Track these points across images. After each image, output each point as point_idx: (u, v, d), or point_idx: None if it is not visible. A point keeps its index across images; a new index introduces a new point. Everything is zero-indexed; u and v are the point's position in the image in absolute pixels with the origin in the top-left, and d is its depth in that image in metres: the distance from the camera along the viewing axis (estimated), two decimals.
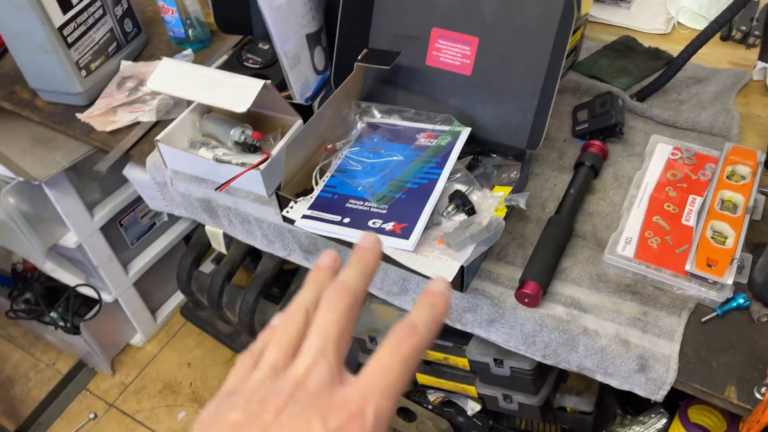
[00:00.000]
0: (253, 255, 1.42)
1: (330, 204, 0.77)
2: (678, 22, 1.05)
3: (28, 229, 1.20)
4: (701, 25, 1.03)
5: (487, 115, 0.82)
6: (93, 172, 1.23)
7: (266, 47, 0.96)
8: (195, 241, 1.43)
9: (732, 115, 0.86)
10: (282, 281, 1.46)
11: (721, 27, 0.82)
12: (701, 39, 0.83)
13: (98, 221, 1.30)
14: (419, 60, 0.85)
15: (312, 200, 0.78)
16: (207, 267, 1.48)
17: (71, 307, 1.44)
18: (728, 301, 0.68)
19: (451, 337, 0.91)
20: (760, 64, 0.91)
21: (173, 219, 1.53)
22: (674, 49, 0.99)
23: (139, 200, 1.38)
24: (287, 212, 0.78)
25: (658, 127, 0.88)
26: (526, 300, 0.70)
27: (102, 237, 1.33)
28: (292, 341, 0.30)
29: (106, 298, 1.42)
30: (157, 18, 1.17)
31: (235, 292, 1.35)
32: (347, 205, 0.76)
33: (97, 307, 1.42)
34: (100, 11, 0.98)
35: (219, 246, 0.98)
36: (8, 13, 0.88)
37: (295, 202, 0.78)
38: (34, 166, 1.11)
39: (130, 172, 1.04)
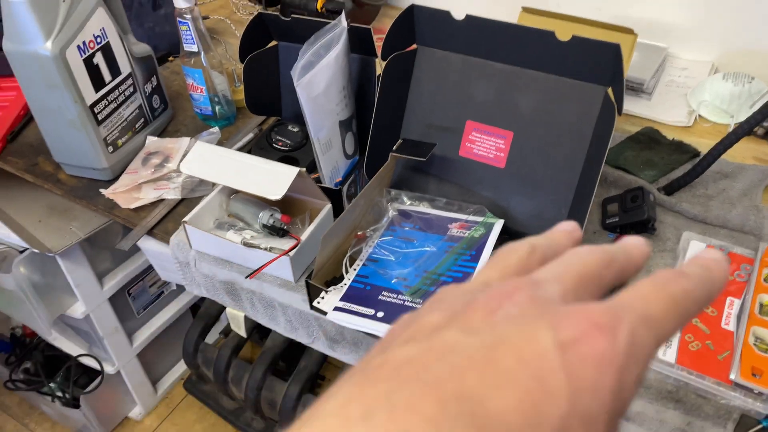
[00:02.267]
0: (261, 327, 1.39)
1: (362, 296, 0.75)
2: (699, 115, 1.07)
3: (37, 300, 1.17)
4: (722, 119, 1.05)
5: (521, 207, 0.82)
6: (106, 242, 1.22)
7: (296, 129, 0.97)
8: (203, 312, 1.40)
9: (763, 213, 0.86)
10: (291, 357, 1.43)
11: (753, 128, 0.83)
12: (732, 138, 0.84)
13: (107, 291, 1.27)
14: (452, 150, 0.85)
15: (344, 291, 0.76)
16: (212, 336, 1.45)
17: (71, 377, 1.39)
18: None
19: None
20: None
21: (181, 288, 1.51)
22: (697, 141, 1.01)
23: (149, 269, 1.36)
24: (318, 303, 0.76)
25: (687, 222, 0.88)
26: None
27: (110, 307, 1.30)
28: (510, 267, 0.24)
29: (109, 369, 1.38)
30: (182, 93, 1.18)
31: (242, 366, 1.31)
32: (380, 297, 0.74)
33: (98, 378, 1.37)
34: (131, 89, 0.99)
35: (239, 329, 0.95)
36: (41, 90, 0.88)
37: (327, 293, 0.76)
38: (49, 237, 1.09)
39: (145, 243, 1.02)
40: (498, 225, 0.80)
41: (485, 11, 0.80)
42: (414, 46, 0.85)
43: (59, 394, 1.40)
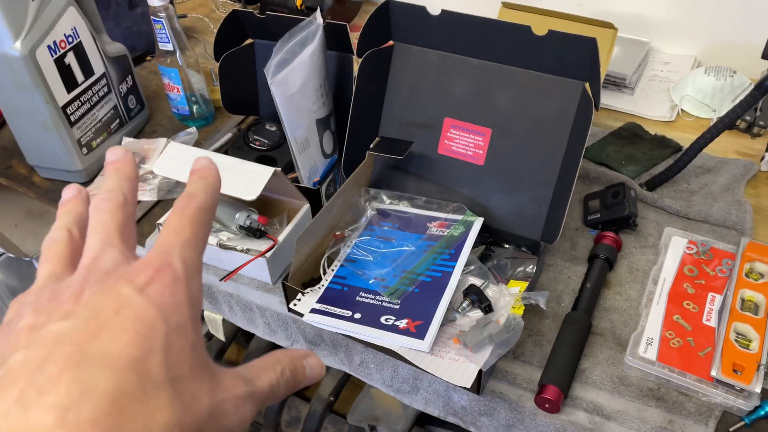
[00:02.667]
0: (245, 330, 1.37)
1: (340, 297, 0.74)
2: (682, 110, 1.06)
3: None
4: (705, 113, 1.05)
5: (501, 205, 0.81)
6: None
7: (273, 128, 0.95)
8: None
9: (745, 208, 0.85)
10: None
11: (733, 122, 0.82)
12: (713, 132, 0.83)
13: None
14: (431, 148, 0.84)
15: (321, 292, 0.75)
16: None
17: None
18: (756, 409, 0.65)
19: None
20: None
21: None
22: (679, 136, 1.00)
23: None
24: (294, 305, 0.74)
25: (670, 217, 0.87)
26: (547, 405, 0.66)
27: None
28: (64, 254, 0.28)
29: None
30: (160, 93, 1.16)
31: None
32: (358, 298, 0.73)
33: None
34: (105, 89, 0.97)
35: (218, 333, 0.94)
36: (11, 92, 0.86)
37: (303, 294, 0.75)
38: (26, 241, 1.07)
39: None
40: (477, 223, 0.79)
41: (467, 6, 0.79)
42: (390, 42, 0.84)
43: None
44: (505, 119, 0.79)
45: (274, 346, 1.27)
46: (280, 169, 0.76)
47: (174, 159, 0.80)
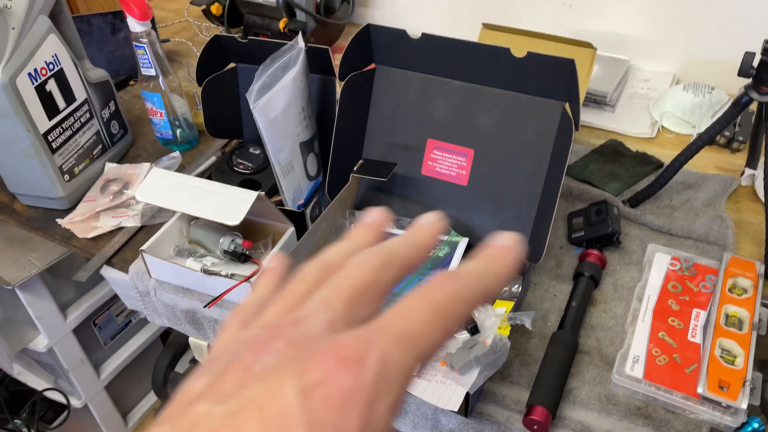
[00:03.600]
0: None
1: None
2: (662, 126, 1.08)
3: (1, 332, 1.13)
4: (685, 130, 1.06)
5: (485, 225, 0.81)
6: (69, 272, 1.18)
7: (257, 152, 0.95)
8: (172, 341, 1.37)
9: (726, 223, 0.86)
10: None
11: (713, 137, 0.83)
12: (692, 149, 0.84)
13: (71, 323, 1.24)
14: (414, 169, 0.84)
15: None
16: (183, 365, 1.42)
17: (37, 413, 1.35)
18: (743, 426, 0.65)
19: None
20: (748, 171, 0.92)
21: None
22: (660, 152, 1.01)
23: (115, 298, 1.33)
24: None
25: (653, 234, 0.88)
26: (535, 427, 0.66)
27: (74, 339, 1.26)
28: (299, 298, 0.23)
29: (75, 403, 1.34)
30: (143, 117, 1.16)
31: None
32: None
33: (65, 413, 1.33)
34: (87, 115, 0.97)
35: (203, 359, 0.93)
36: None
37: None
38: (7, 269, 1.06)
39: (108, 271, 0.99)
40: (462, 243, 0.79)
41: (447, 28, 0.80)
42: (372, 65, 0.84)
43: (25, 430, 1.35)
44: (487, 140, 0.80)
45: None
46: (263, 192, 0.76)
47: (157, 184, 0.80)
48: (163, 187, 0.80)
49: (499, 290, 0.23)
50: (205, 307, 0.80)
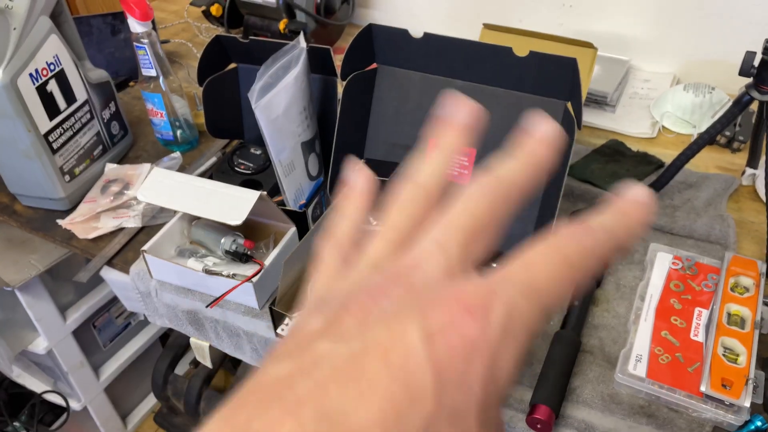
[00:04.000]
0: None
1: None
2: (663, 126, 1.08)
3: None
4: (685, 130, 1.06)
5: None
6: (69, 274, 1.18)
7: (258, 152, 0.95)
8: (172, 342, 1.37)
9: (728, 222, 0.86)
10: None
11: (713, 137, 0.83)
12: (693, 149, 0.84)
13: (71, 324, 1.23)
14: None
15: None
16: (183, 367, 1.41)
17: (36, 415, 1.34)
18: (746, 424, 0.65)
19: None
20: (749, 170, 0.93)
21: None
22: (661, 152, 1.01)
23: (114, 300, 1.32)
24: (282, 329, 0.74)
25: (654, 233, 0.88)
26: (539, 426, 0.66)
27: (74, 341, 1.26)
28: (405, 231, 0.22)
29: (75, 405, 1.33)
30: (143, 118, 1.15)
31: (214, 396, 1.28)
32: None
33: (64, 416, 1.33)
34: (88, 116, 0.97)
35: (204, 360, 0.92)
36: None
37: (291, 319, 0.74)
38: (7, 270, 1.06)
39: (108, 273, 0.99)
40: None
41: (449, 28, 0.80)
42: (374, 65, 0.84)
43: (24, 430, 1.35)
44: (489, 139, 0.79)
45: None
46: (265, 192, 0.75)
47: (158, 184, 0.80)
48: (165, 186, 0.79)
49: (630, 247, 0.23)
50: (207, 307, 0.80)
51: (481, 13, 1.32)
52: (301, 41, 0.84)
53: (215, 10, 1.26)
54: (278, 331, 0.74)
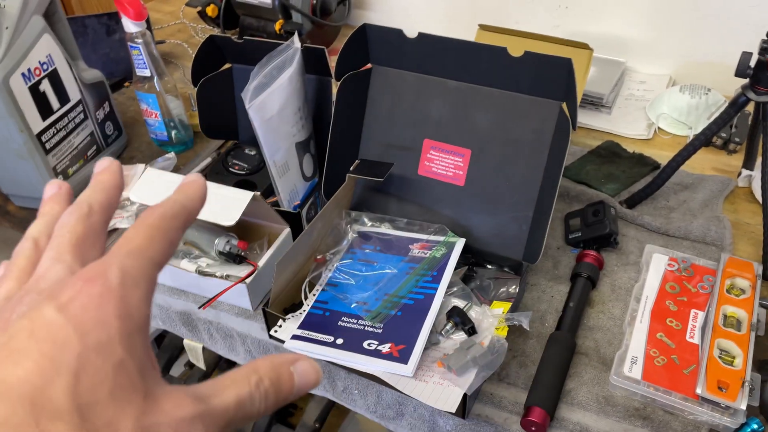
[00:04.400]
0: (227, 358, 1.35)
1: (321, 322, 0.72)
2: (659, 128, 1.07)
3: None
4: (681, 131, 1.06)
5: (482, 225, 0.81)
6: None
7: (252, 153, 0.95)
8: (167, 344, 1.36)
9: (723, 224, 0.86)
10: None
11: (709, 139, 0.83)
12: (689, 150, 0.84)
13: None
14: (411, 170, 0.84)
15: (302, 318, 0.73)
16: (178, 369, 1.40)
17: None
18: (742, 426, 0.65)
19: None
20: (745, 172, 0.92)
21: None
22: (657, 154, 1.01)
23: None
24: (275, 331, 0.73)
25: (650, 234, 0.88)
26: (533, 428, 0.65)
27: None
28: (24, 269, 0.26)
29: None
30: (138, 119, 1.15)
31: None
32: (340, 323, 0.72)
33: None
34: (81, 116, 0.96)
35: (197, 361, 0.92)
36: None
37: (284, 320, 0.73)
38: None
39: None
40: (459, 244, 0.79)
41: (444, 29, 0.79)
42: (368, 65, 0.84)
43: None
44: (484, 140, 0.79)
45: None
46: (259, 193, 0.75)
47: (151, 185, 0.79)
48: (158, 187, 0.79)
49: (196, 209, 0.28)
50: (200, 308, 0.79)
51: (478, 14, 1.32)
52: (296, 41, 0.83)
53: (211, 10, 1.25)
54: (272, 332, 0.73)
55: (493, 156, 0.79)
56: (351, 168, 0.81)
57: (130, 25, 0.93)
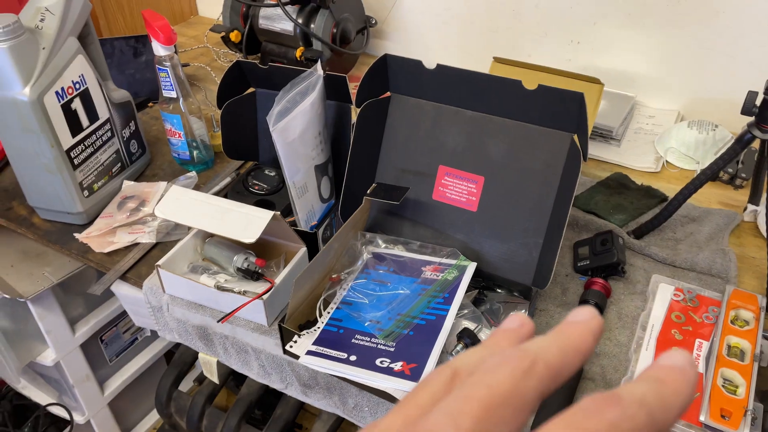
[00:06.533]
0: (236, 374, 1.37)
1: (335, 339, 0.75)
2: (667, 161, 1.10)
3: (6, 347, 1.15)
4: (689, 165, 1.09)
5: (493, 250, 0.83)
6: (80, 287, 1.20)
7: (272, 174, 0.98)
8: (177, 359, 1.37)
9: (729, 257, 0.88)
10: (267, 404, 1.40)
11: (716, 173, 0.86)
12: (696, 183, 0.86)
13: (79, 338, 1.25)
14: (425, 194, 0.87)
15: (317, 334, 0.76)
16: (187, 384, 1.42)
17: (40, 427, 1.35)
18: None
19: None
20: (751, 207, 0.95)
21: (155, 334, 1.48)
22: (665, 186, 1.04)
23: (123, 315, 1.34)
24: (290, 347, 0.75)
25: (657, 265, 0.90)
26: None
27: (81, 354, 1.27)
28: (422, 407, 0.20)
29: (78, 419, 1.34)
30: (161, 137, 1.19)
31: (216, 415, 1.28)
32: (353, 340, 0.74)
33: (67, 429, 1.33)
34: (109, 134, 1.00)
35: (212, 375, 0.94)
36: (18, 135, 0.89)
37: (299, 336, 0.76)
38: (21, 282, 1.08)
39: (119, 287, 1.01)
40: (471, 268, 0.81)
41: (458, 62, 0.83)
42: (388, 93, 0.87)
43: None
44: (497, 168, 0.82)
45: (266, 391, 1.27)
46: (279, 213, 0.78)
47: (175, 201, 0.82)
48: (182, 203, 0.82)
49: (672, 419, 0.18)
50: (218, 322, 0.82)
51: (492, 47, 1.36)
52: (319, 69, 0.87)
53: (234, 36, 1.30)
54: (287, 347, 0.76)
55: (506, 184, 0.82)
56: (368, 191, 0.84)
57: (159, 49, 0.97)
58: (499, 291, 0.83)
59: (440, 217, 0.86)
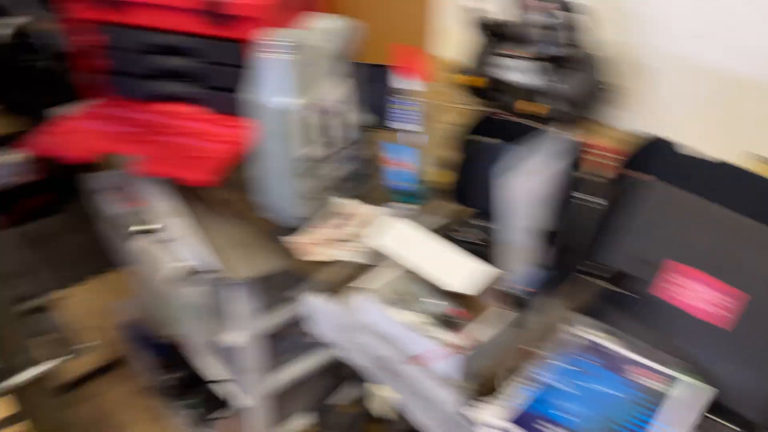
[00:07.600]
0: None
1: (526, 420, 0.69)
2: None
3: (200, 320, 1.24)
4: None
5: (741, 381, 0.71)
6: (277, 284, 1.27)
7: (486, 225, 0.96)
8: (335, 373, 1.40)
9: None
10: None
11: None
12: None
13: (261, 329, 1.32)
14: (651, 288, 0.78)
15: (507, 408, 0.71)
16: (345, 398, 1.44)
17: (206, 399, 1.45)
18: None
19: None
20: None
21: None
22: None
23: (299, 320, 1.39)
24: (473, 408, 0.71)
25: None
26: None
27: (259, 344, 1.34)
28: None
29: (239, 403, 1.41)
30: (372, 163, 1.22)
31: None
32: (538, 425, 0.69)
33: (232, 408, 1.41)
34: (348, 153, 1.05)
35: (379, 408, 0.93)
36: (275, 138, 0.96)
37: (489, 404, 0.71)
38: (236, 265, 1.16)
39: (311, 296, 1.05)
40: (704, 392, 0.71)
41: (697, 142, 0.74)
42: (641, 174, 0.81)
43: (191, 411, 1.46)
44: (761, 285, 0.71)
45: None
46: (503, 272, 0.75)
47: (396, 236, 0.83)
48: (400, 236, 0.82)
49: None
50: (407, 361, 0.80)
51: (743, 137, 1.21)
52: (564, 134, 0.83)
53: (478, 82, 1.31)
54: (468, 408, 0.72)
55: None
56: (586, 269, 0.78)
57: (408, 83, 1.00)
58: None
59: (669, 321, 0.77)
